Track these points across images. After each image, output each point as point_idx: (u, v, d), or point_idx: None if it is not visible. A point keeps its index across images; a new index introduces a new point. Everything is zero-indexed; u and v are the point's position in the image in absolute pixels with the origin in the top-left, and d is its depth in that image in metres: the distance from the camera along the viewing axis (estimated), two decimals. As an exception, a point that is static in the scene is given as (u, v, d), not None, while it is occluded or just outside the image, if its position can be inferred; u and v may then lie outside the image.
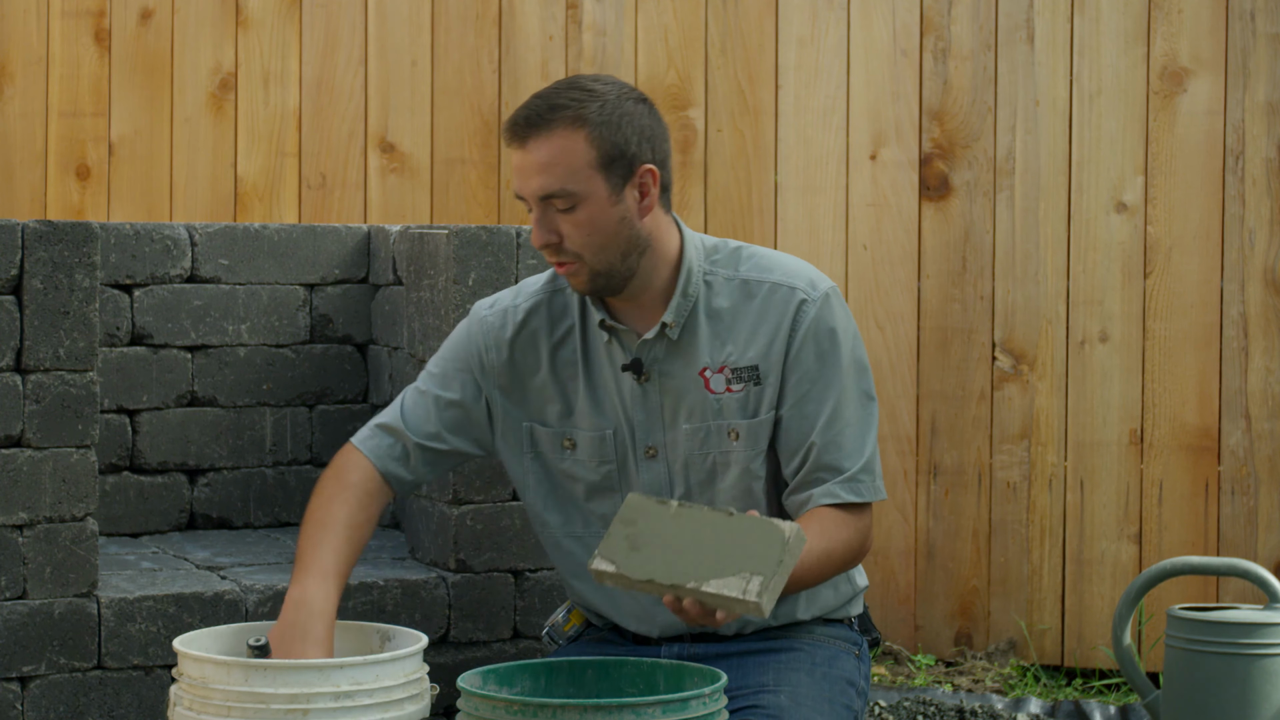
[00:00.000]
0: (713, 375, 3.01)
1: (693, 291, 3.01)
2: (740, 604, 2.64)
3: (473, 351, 3.12)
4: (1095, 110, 4.75)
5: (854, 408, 2.99)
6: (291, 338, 4.04)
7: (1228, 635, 3.47)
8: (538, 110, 2.91)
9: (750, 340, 3.00)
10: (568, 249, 2.93)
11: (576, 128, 2.90)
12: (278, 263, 4.02)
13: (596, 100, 2.92)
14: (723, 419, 3.00)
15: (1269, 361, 4.64)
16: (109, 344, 3.88)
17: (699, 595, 2.66)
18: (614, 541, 2.72)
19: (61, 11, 5.02)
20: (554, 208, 2.92)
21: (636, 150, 2.93)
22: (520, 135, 2.92)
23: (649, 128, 2.96)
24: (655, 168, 2.95)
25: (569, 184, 2.90)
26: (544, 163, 2.90)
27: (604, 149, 2.91)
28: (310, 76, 5.08)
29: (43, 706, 3.26)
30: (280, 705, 2.74)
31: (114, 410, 3.90)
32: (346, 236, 4.09)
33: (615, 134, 2.91)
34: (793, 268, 3.03)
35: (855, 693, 3.09)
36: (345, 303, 4.08)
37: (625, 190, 2.93)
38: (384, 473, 3.11)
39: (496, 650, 3.58)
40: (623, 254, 2.95)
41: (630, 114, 2.94)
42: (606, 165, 2.91)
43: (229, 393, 3.98)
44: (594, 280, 2.96)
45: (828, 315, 2.99)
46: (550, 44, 5.03)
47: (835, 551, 2.93)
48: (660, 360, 3.02)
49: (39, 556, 3.26)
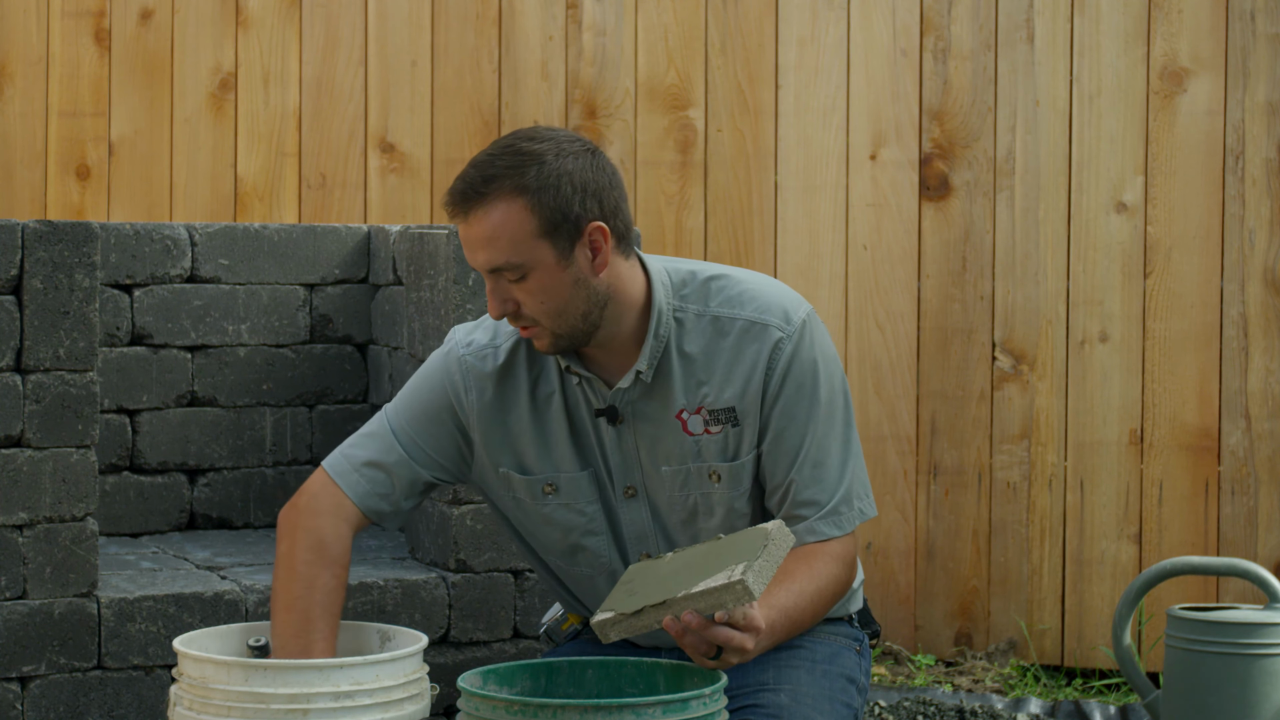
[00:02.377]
0: (690, 417, 2.96)
1: (664, 333, 2.94)
2: (727, 589, 2.63)
3: (450, 392, 3.03)
4: (1095, 110, 4.75)
5: (833, 438, 2.95)
6: (291, 338, 4.04)
7: (1228, 635, 3.47)
8: (472, 183, 2.82)
9: (726, 381, 2.94)
10: (525, 315, 2.86)
11: (514, 197, 2.80)
12: (278, 263, 4.02)
13: (534, 164, 2.81)
14: (702, 460, 2.96)
15: (1269, 361, 4.64)
16: (109, 344, 3.88)
17: (690, 601, 2.66)
18: (613, 597, 2.75)
19: (61, 11, 5.02)
20: (505, 278, 2.84)
21: (580, 210, 2.82)
22: (460, 208, 2.83)
23: (593, 181, 2.84)
24: (604, 223, 2.85)
25: (514, 256, 2.81)
26: (487, 236, 2.81)
27: (546, 215, 2.81)
28: (310, 76, 5.08)
29: (43, 706, 3.26)
30: (280, 705, 2.74)
31: (114, 410, 3.90)
32: (346, 236, 4.09)
33: (556, 198, 2.81)
34: (765, 299, 2.96)
35: (855, 690, 3.09)
36: (345, 303, 4.08)
37: (575, 251, 2.84)
38: (366, 511, 3.00)
39: (496, 650, 3.58)
40: (583, 314, 2.87)
41: (570, 172, 2.82)
42: (551, 231, 2.81)
43: (229, 393, 3.98)
44: (557, 342, 2.89)
45: (804, 349, 2.94)
46: (550, 44, 5.03)
47: (826, 589, 2.92)
48: (635, 403, 2.96)
49: (39, 556, 3.26)
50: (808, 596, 2.88)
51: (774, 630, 2.81)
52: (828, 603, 2.94)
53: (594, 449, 3.01)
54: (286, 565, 2.92)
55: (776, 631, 2.82)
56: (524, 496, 3.03)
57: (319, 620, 2.88)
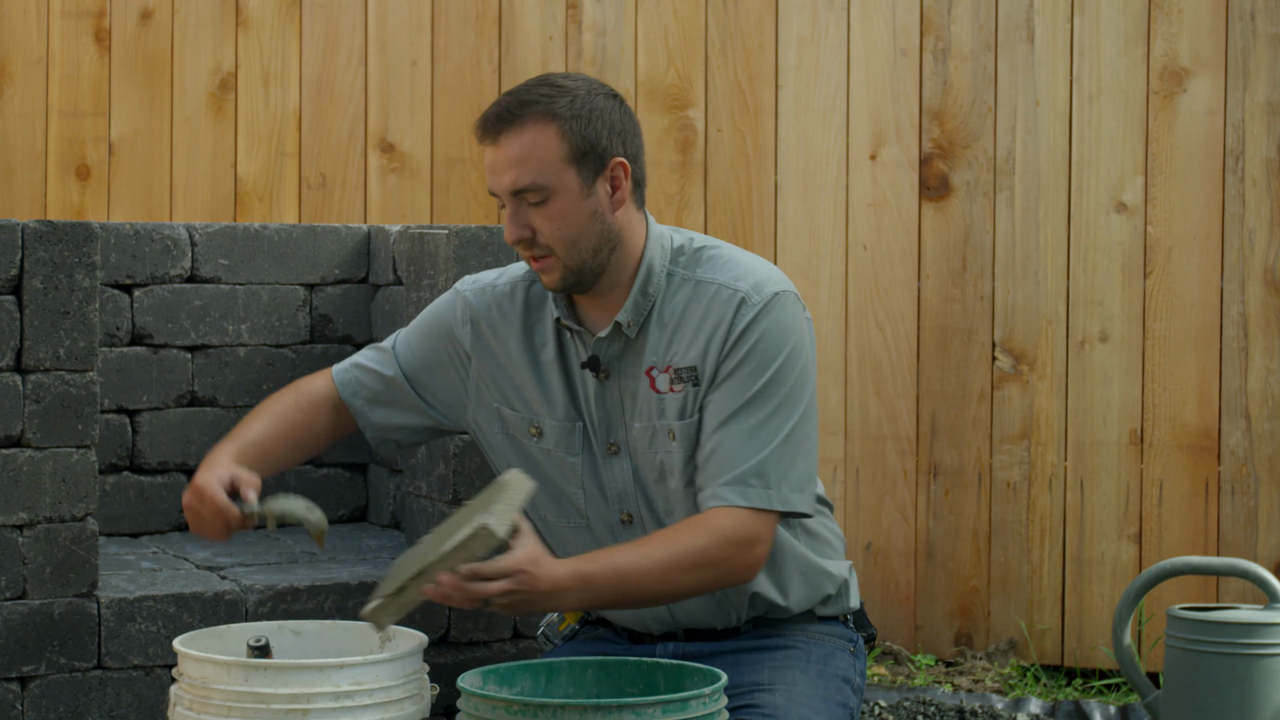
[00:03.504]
0: (658, 375, 3.01)
1: (653, 291, 3.02)
2: (474, 538, 2.71)
3: (449, 325, 3.18)
4: (1095, 110, 4.75)
5: (773, 417, 2.96)
6: (291, 338, 4.04)
7: (1228, 635, 3.47)
8: (508, 106, 2.95)
9: (693, 341, 2.99)
10: (541, 243, 2.95)
11: (547, 122, 2.93)
12: (278, 263, 4.02)
13: (567, 95, 2.95)
14: (665, 419, 3.01)
15: (1269, 361, 4.64)
16: (109, 344, 3.88)
17: (444, 561, 2.72)
18: (379, 588, 2.82)
19: (61, 11, 5.02)
20: (526, 202, 2.94)
21: (608, 144, 2.95)
22: (491, 131, 2.95)
23: (620, 122, 2.98)
24: (626, 161, 2.97)
25: (540, 178, 2.92)
26: (516, 157, 2.93)
27: (575, 143, 2.93)
28: (310, 76, 5.08)
29: (43, 706, 3.26)
30: (280, 705, 2.74)
31: (114, 410, 3.90)
32: (346, 236, 4.09)
33: (586, 128, 2.94)
34: (746, 269, 3.02)
35: (851, 690, 3.09)
36: (345, 303, 4.08)
37: (597, 184, 2.95)
38: (346, 402, 3.21)
39: (496, 650, 3.58)
40: (594, 249, 2.96)
41: (601, 109, 2.96)
42: (578, 159, 2.94)
43: (229, 393, 3.98)
44: (566, 276, 2.98)
45: (766, 321, 2.97)
46: (550, 44, 5.03)
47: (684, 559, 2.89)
48: (617, 358, 3.04)
49: (39, 556, 3.26)
50: (654, 562, 2.87)
51: (593, 584, 2.84)
52: (689, 573, 2.90)
53: (581, 403, 3.07)
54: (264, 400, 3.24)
55: (598, 587, 2.85)
56: (515, 433, 3.12)
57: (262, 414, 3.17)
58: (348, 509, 4.10)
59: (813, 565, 3.10)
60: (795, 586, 3.09)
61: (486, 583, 2.76)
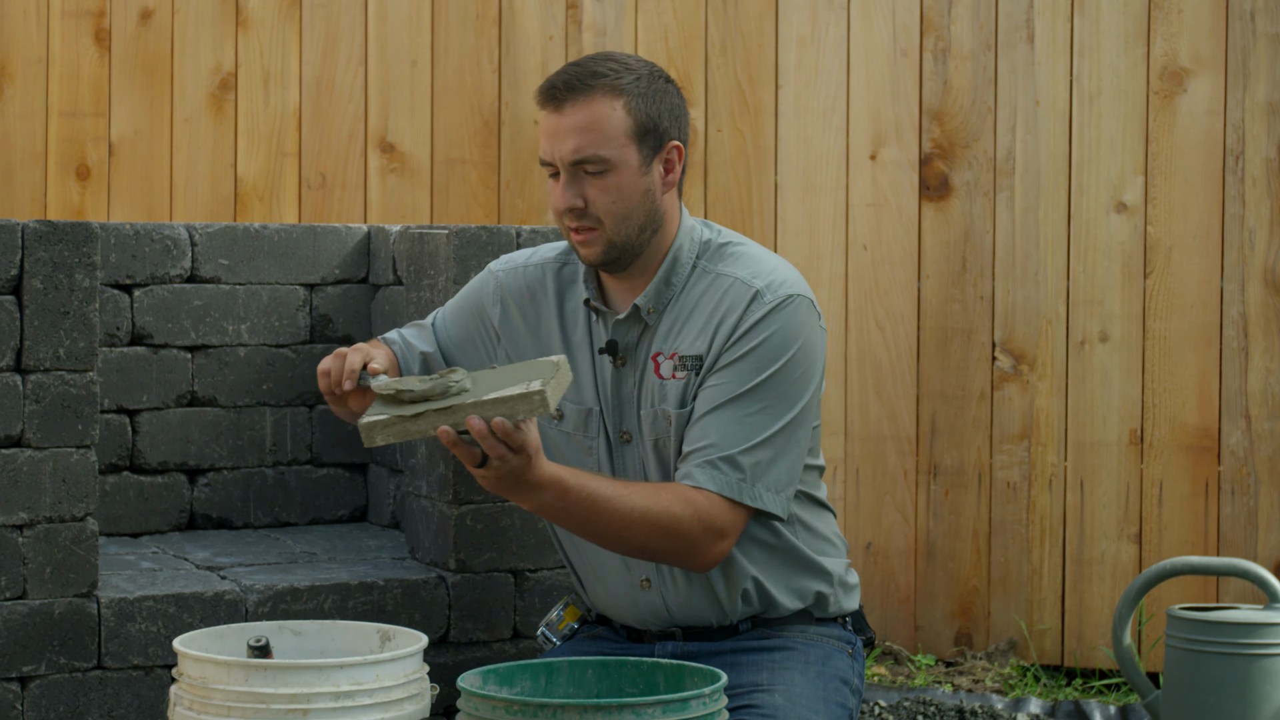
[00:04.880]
0: (663, 360, 3.03)
1: (676, 282, 3.04)
2: (521, 399, 2.72)
3: (481, 304, 3.21)
4: (1095, 110, 4.75)
5: (759, 408, 2.96)
6: (291, 338, 4.04)
7: (1228, 635, 3.47)
8: (578, 75, 2.98)
9: (702, 331, 3.01)
10: (591, 214, 2.98)
11: (615, 96, 2.96)
12: (278, 263, 4.02)
13: (632, 73, 2.99)
14: (665, 405, 3.03)
15: (1269, 361, 4.64)
16: (109, 344, 3.88)
17: (479, 408, 2.72)
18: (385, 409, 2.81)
19: (61, 11, 5.02)
20: (584, 172, 2.97)
21: (668, 126, 3.00)
22: (557, 99, 2.97)
23: (678, 107, 3.03)
24: (681, 145, 3.03)
25: (603, 149, 2.96)
26: (581, 126, 2.95)
27: (640, 120, 2.97)
28: (310, 76, 5.08)
29: (43, 706, 3.26)
30: (280, 705, 2.74)
31: (114, 410, 3.90)
32: (346, 236, 4.09)
33: (650, 107, 2.98)
34: (766, 268, 3.04)
35: (849, 691, 3.09)
36: (345, 303, 4.08)
37: (654, 163, 3.00)
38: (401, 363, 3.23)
39: (496, 650, 3.58)
40: (640, 226, 2.99)
41: (663, 91, 3.01)
42: (640, 136, 2.97)
43: (229, 393, 3.98)
44: (608, 251, 3.00)
45: (776, 320, 2.98)
46: (550, 44, 5.03)
47: (658, 519, 2.90)
48: (633, 346, 3.06)
49: (39, 556, 3.26)
50: (629, 505, 2.89)
51: (565, 494, 2.85)
52: (654, 534, 2.91)
53: (599, 388, 3.09)
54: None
55: (569, 500, 2.86)
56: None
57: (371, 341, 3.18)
58: (348, 509, 4.10)
59: (807, 560, 3.10)
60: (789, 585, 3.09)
61: (506, 447, 2.77)
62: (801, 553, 3.09)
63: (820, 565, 3.12)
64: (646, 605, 3.10)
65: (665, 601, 3.08)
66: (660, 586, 3.07)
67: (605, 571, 3.11)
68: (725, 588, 3.06)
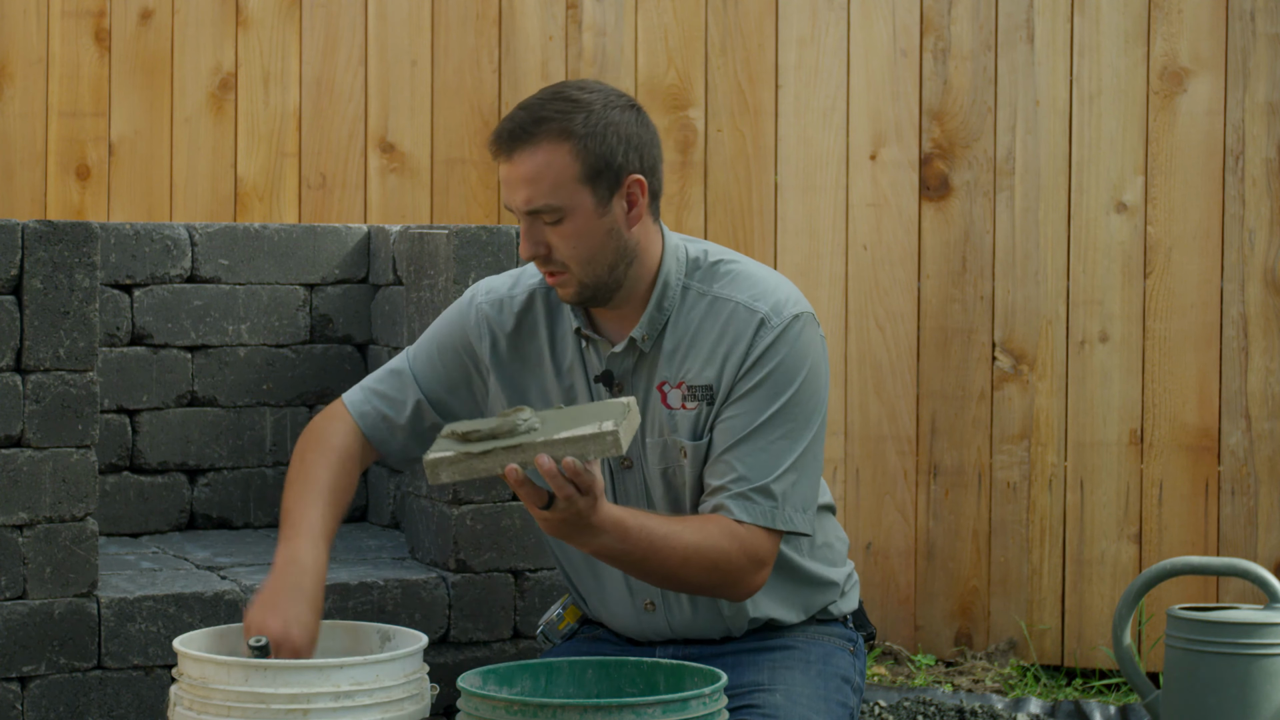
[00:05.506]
0: (670, 390, 2.99)
1: (668, 306, 2.98)
2: (596, 438, 2.66)
3: (466, 338, 3.12)
4: (1095, 110, 4.75)
5: (784, 439, 2.94)
6: (291, 338, 4.04)
7: (1228, 635, 3.47)
8: (522, 123, 2.88)
9: (709, 360, 2.97)
10: (555, 259, 2.91)
11: (562, 140, 2.87)
12: (278, 263, 4.02)
13: (582, 111, 2.88)
14: (676, 435, 2.98)
15: (1269, 361, 4.64)
16: (109, 344, 3.88)
17: (550, 446, 2.67)
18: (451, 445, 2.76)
19: (61, 11, 5.02)
20: (541, 220, 2.90)
21: (623, 161, 2.90)
22: (505, 148, 2.89)
23: (636, 136, 2.92)
24: (643, 177, 2.92)
25: (554, 198, 2.87)
26: (530, 176, 2.87)
27: (590, 161, 2.88)
28: (310, 76, 5.08)
29: (43, 706, 3.26)
30: (280, 705, 2.74)
31: (114, 410, 3.90)
32: (346, 236, 4.09)
33: (601, 145, 2.88)
34: (765, 288, 2.99)
35: (851, 689, 3.09)
36: (345, 303, 4.08)
37: (613, 201, 2.91)
38: (371, 439, 3.13)
39: (496, 650, 3.58)
40: (610, 265, 2.93)
41: (616, 123, 2.90)
42: (593, 178, 2.88)
43: (229, 393, 3.98)
44: (582, 291, 2.94)
45: (785, 344, 2.95)
46: (550, 44, 5.03)
47: (707, 555, 2.87)
48: (630, 372, 3.01)
49: (39, 556, 3.26)
50: (682, 542, 2.85)
51: (626, 535, 2.80)
52: (704, 570, 2.89)
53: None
54: (297, 460, 3.08)
55: (629, 541, 2.81)
56: None
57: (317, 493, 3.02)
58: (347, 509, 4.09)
59: (816, 576, 3.10)
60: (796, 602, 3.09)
61: (573, 487, 2.70)
62: (809, 572, 3.09)
63: (827, 579, 3.11)
64: (650, 625, 3.09)
65: (670, 623, 3.08)
66: (665, 611, 3.06)
67: (607, 595, 3.10)
68: (732, 611, 3.05)
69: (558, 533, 2.77)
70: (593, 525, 2.76)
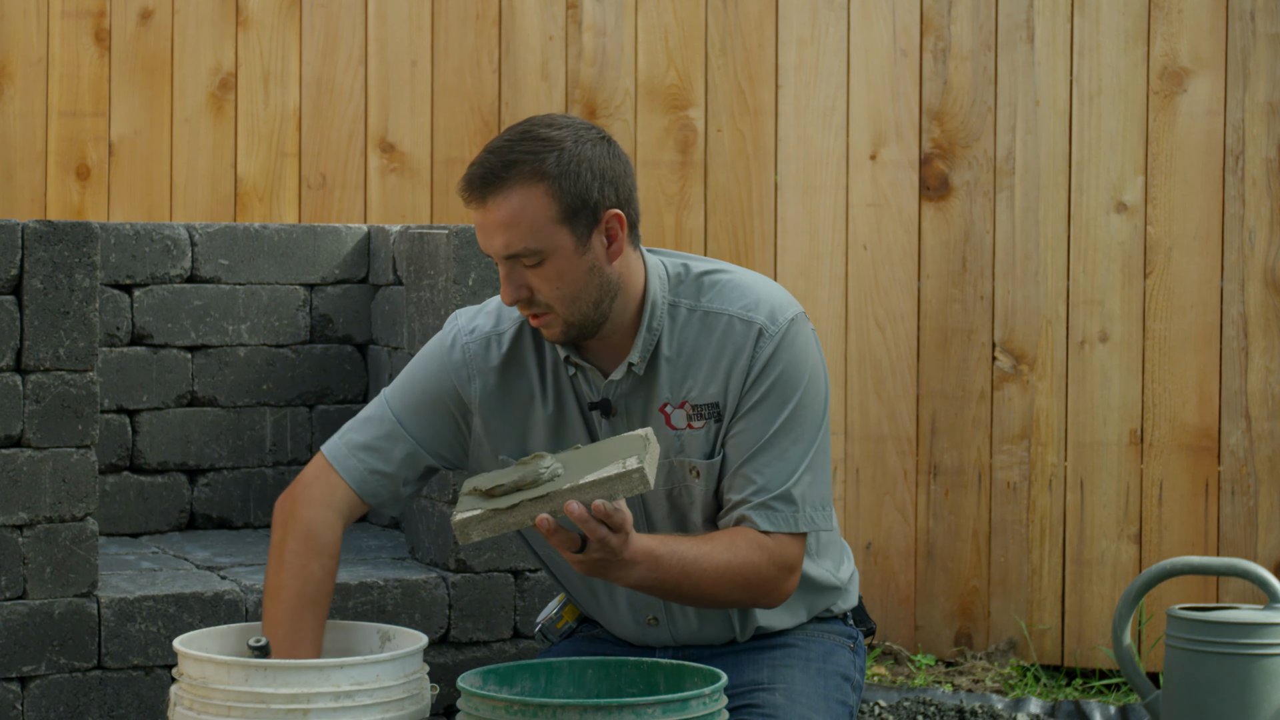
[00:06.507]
0: (673, 411, 2.96)
1: (656, 327, 2.95)
2: (622, 478, 2.64)
3: (451, 384, 3.03)
4: (1095, 110, 4.75)
5: (795, 443, 2.93)
6: (291, 338, 4.04)
7: (1228, 635, 3.47)
8: (492, 168, 2.83)
9: (711, 377, 2.94)
10: (539, 301, 2.87)
11: (536, 182, 2.82)
12: (278, 263, 4.02)
13: (553, 150, 2.83)
14: (684, 455, 2.96)
15: (1269, 361, 4.64)
16: (109, 344, 3.88)
17: (577, 492, 2.64)
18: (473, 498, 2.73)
19: (61, 11, 5.02)
20: (521, 264, 2.84)
21: (599, 197, 2.85)
22: (478, 194, 2.84)
23: (610, 169, 2.87)
24: (620, 211, 2.88)
25: (533, 241, 2.82)
26: (506, 221, 2.82)
27: (566, 201, 2.82)
28: (310, 76, 5.08)
29: (43, 706, 3.26)
30: (280, 705, 2.74)
31: (114, 410, 3.90)
32: (346, 236, 4.09)
33: (576, 184, 2.83)
34: (755, 296, 2.96)
35: (850, 687, 3.09)
36: (345, 303, 4.08)
37: (592, 238, 2.86)
38: (363, 494, 3.02)
39: (496, 650, 3.58)
40: (595, 302, 2.88)
41: (589, 159, 2.84)
42: (570, 217, 2.83)
43: (229, 393, 3.98)
44: (568, 330, 2.90)
45: (786, 350, 2.93)
46: (550, 44, 5.03)
47: (739, 570, 2.86)
48: (626, 396, 2.97)
49: (39, 556, 3.26)
50: (713, 562, 2.84)
51: (659, 564, 2.78)
52: (738, 587, 2.88)
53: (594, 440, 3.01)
54: (277, 556, 2.95)
55: (662, 569, 2.79)
56: None
57: (305, 611, 2.91)
58: (348, 509, 4.09)
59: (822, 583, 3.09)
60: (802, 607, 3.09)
61: (606, 528, 2.68)
62: (815, 579, 3.08)
63: (831, 584, 3.11)
64: (653, 636, 3.09)
65: (673, 635, 3.07)
66: (669, 625, 3.05)
67: (605, 611, 3.09)
68: (740, 620, 3.05)
69: (593, 572, 2.75)
70: (625, 561, 2.74)
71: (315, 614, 2.92)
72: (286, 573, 2.93)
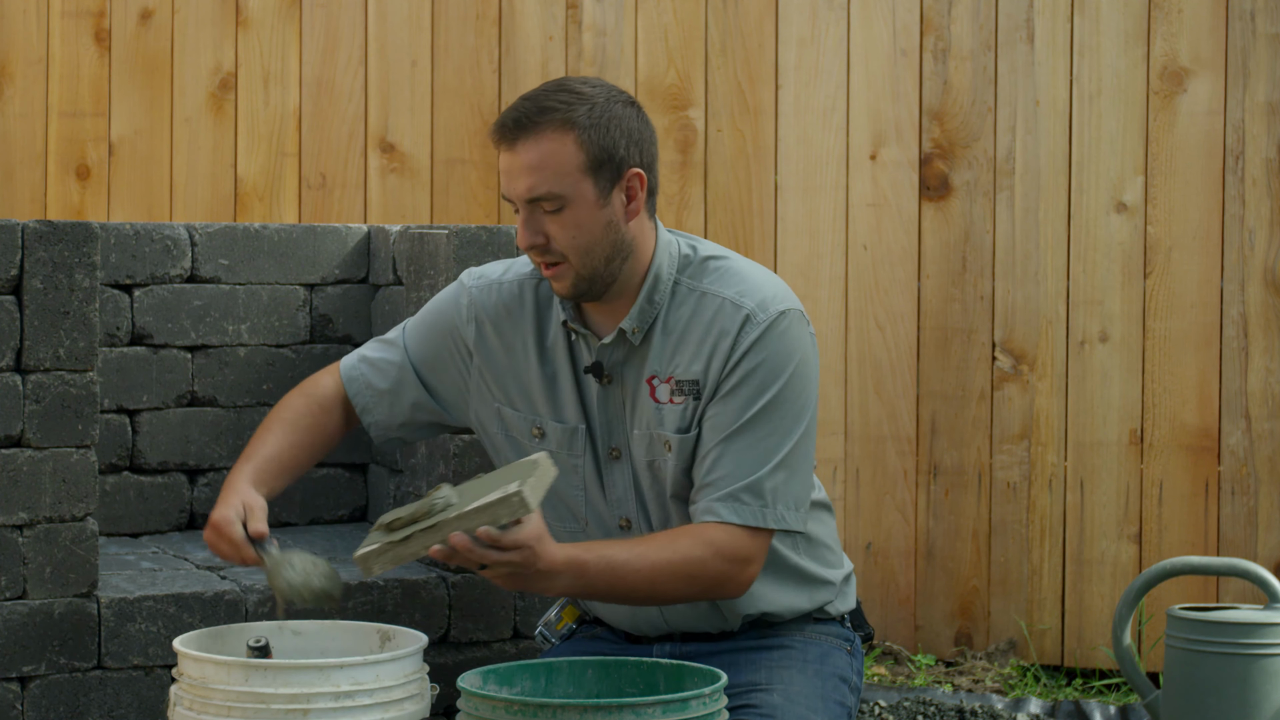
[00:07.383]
0: (659, 384, 3.00)
1: (658, 300, 3.00)
2: (500, 504, 2.75)
3: (453, 322, 3.16)
4: (1095, 110, 4.75)
5: (771, 435, 2.95)
6: (291, 338, 4.04)
7: (1228, 635, 3.47)
8: (526, 112, 2.92)
9: (696, 355, 2.98)
10: (554, 250, 2.94)
11: (565, 130, 2.91)
12: (278, 263, 4.02)
13: (585, 103, 2.92)
14: (662, 429, 3.00)
15: (1269, 361, 4.64)
16: (109, 344, 3.88)
17: (463, 520, 2.76)
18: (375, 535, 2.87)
19: (61, 11, 5.02)
20: (541, 209, 2.93)
21: (625, 154, 2.94)
22: (509, 137, 2.92)
23: (637, 131, 2.96)
24: (643, 171, 2.96)
25: (557, 186, 2.91)
26: (532, 164, 2.90)
27: (592, 152, 2.91)
28: (310, 76, 5.08)
29: (43, 706, 3.26)
30: (280, 705, 2.74)
31: (114, 410, 3.90)
32: (346, 236, 4.09)
33: (604, 137, 2.92)
34: (752, 284, 3.01)
35: (848, 689, 3.09)
36: (345, 303, 4.08)
37: (613, 194, 2.94)
38: (354, 402, 3.22)
39: (496, 650, 3.58)
40: (607, 258, 2.95)
41: (619, 117, 2.94)
42: (595, 168, 2.92)
43: (229, 393, 3.98)
44: (578, 284, 2.96)
45: (772, 339, 2.96)
46: (550, 44, 5.03)
47: (679, 568, 2.90)
48: (620, 364, 3.03)
49: (39, 556, 3.26)
50: (648, 562, 2.89)
51: (584, 571, 2.86)
52: (682, 582, 2.92)
53: (585, 405, 3.06)
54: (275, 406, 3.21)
55: (589, 576, 2.87)
56: (516, 434, 3.12)
57: (274, 425, 3.16)
58: (348, 509, 4.10)
59: (811, 575, 3.10)
60: (792, 598, 3.09)
61: (498, 551, 2.78)
62: (804, 571, 3.09)
63: (823, 578, 3.12)
64: (644, 618, 3.10)
65: (665, 618, 3.09)
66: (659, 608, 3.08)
67: None
68: (727, 607, 3.06)
69: (512, 587, 2.85)
70: (542, 572, 2.82)
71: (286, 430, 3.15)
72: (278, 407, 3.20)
